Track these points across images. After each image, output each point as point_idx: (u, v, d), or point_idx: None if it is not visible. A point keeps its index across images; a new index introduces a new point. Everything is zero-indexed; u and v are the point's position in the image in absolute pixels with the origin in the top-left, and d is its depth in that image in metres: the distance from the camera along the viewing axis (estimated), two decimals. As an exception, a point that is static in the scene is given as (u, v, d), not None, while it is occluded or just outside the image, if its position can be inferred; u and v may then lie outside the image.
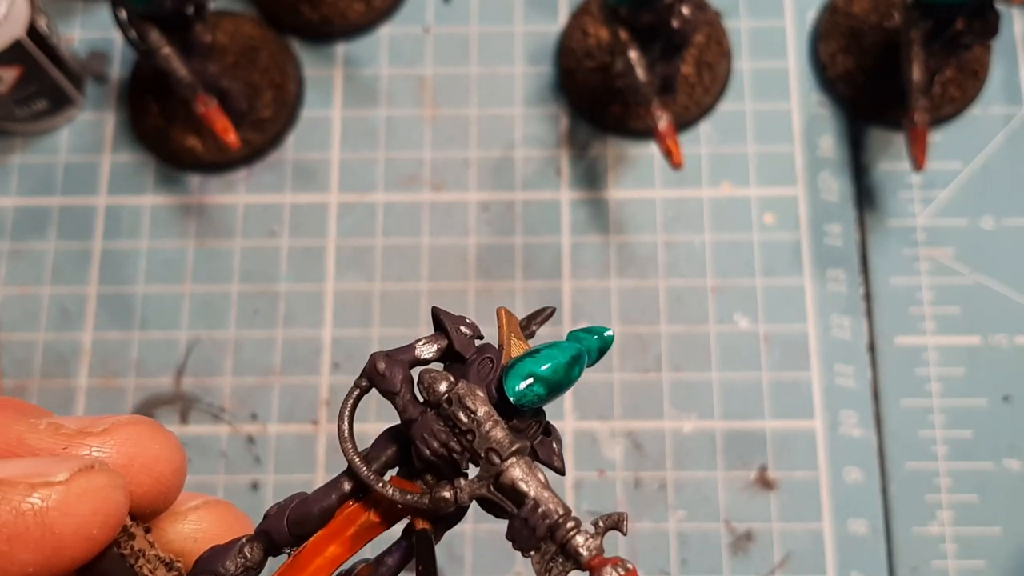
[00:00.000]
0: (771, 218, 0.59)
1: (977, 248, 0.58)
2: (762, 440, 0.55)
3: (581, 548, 0.22)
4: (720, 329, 0.57)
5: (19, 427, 0.21)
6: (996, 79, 0.61)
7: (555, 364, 0.22)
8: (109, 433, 0.22)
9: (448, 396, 0.22)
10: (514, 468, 0.22)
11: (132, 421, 0.22)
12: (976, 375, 0.56)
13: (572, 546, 0.22)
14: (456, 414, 0.22)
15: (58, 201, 0.60)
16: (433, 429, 0.22)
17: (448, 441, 0.22)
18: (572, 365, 0.23)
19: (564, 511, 0.22)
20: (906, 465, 0.55)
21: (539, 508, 0.22)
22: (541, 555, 0.22)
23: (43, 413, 0.22)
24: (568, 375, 0.23)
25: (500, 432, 0.22)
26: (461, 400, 0.22)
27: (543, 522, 0.22)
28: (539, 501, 0.22)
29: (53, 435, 0.21)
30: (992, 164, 0.60)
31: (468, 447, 0.22)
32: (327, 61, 0.63)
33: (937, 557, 0.53)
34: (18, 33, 0.54)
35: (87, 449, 0.21)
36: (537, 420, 0.23)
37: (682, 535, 0.54)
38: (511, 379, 0.22)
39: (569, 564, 0.22)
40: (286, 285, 0.58)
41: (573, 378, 0.23)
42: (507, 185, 0.60)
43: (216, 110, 0.54)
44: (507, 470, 0.22)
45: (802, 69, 0.62)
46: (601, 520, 0.23)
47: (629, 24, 0.53)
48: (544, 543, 0.22)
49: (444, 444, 0.22)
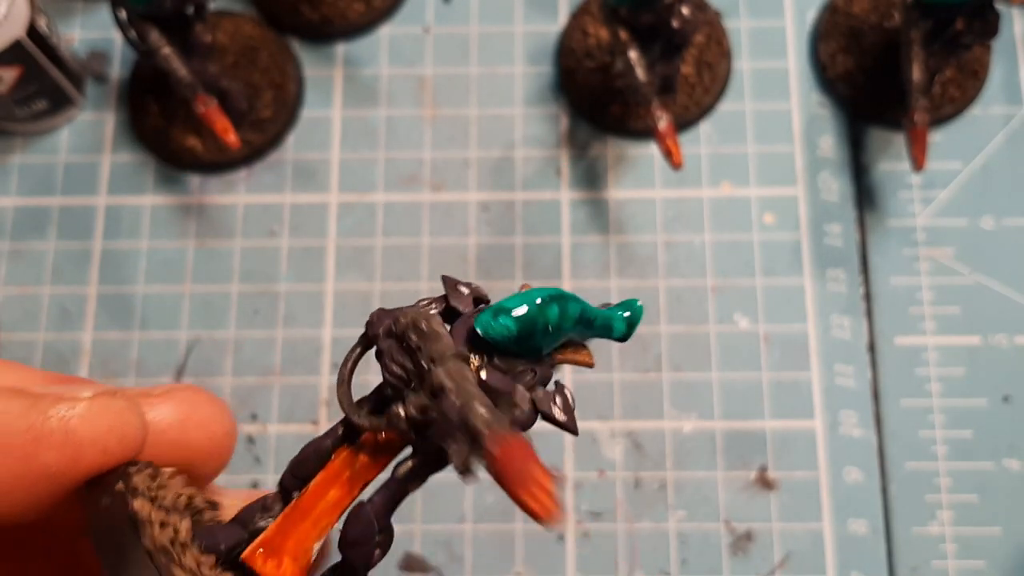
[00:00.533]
0: (771, 218, 0.59)
1: (977, 248, 0.58)
2: (762, 440, 0.55)
3: (481, 425, 0.20)
4: (720, 329, 0.57)
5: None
6: (996, 79, 0.61)
7: (527, 300, 0.22)
8: (167, 395, 0.24)
9: (405, 323, 0.22)
10: (443, 370, 0.21)
11: (187, 387, 0.25)
12: (976, 375, 0.56)
13: (473, 424, 0.20)
14: (408, 334, 0.22)
15: (58, 201, 0.60)
16: (392, 354, 0.23)
17: (404, 361, 0.22)
18: (548, 303, 0.22)
19: (486, 405, 0.20)
20: (906, 465, 0.55)
21: (456, 399, 0.21)
22: (458, 445, 0.20)
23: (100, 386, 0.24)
24: (542, 312, 0.22)
25: (443, 344, 0.22)
26: (414, 322, 0.22)
27: (455, 408, 0.20)
28: (459, 393, 0.21)
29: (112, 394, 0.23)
30: (992, 164, 0.60)
31: (417, 363, 0.22)
32: (327, 61, 0.63)
33: (937, 557, 0.53)
34: (18, 33, 0.54)
35: (147, 408, 0.23)
36: (531, 368, 0.23)
37: (682, 535, 0.54)
38: (482, 315, 0.22)
39: (477, 452, 0.20)
40: (286, 285, 0.58)
41: (549, 316, 0.22)
42: (507, 185, 0.60)
43: (216, 110, 0.54)
44: (436, 372, 0.21)
45: (802, 69, 0.62)
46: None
47: (629, 24, 0.53)
48: (460, 432, 0.20)
49: (400, 364, 0.22)
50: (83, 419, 0.22)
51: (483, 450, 0.20)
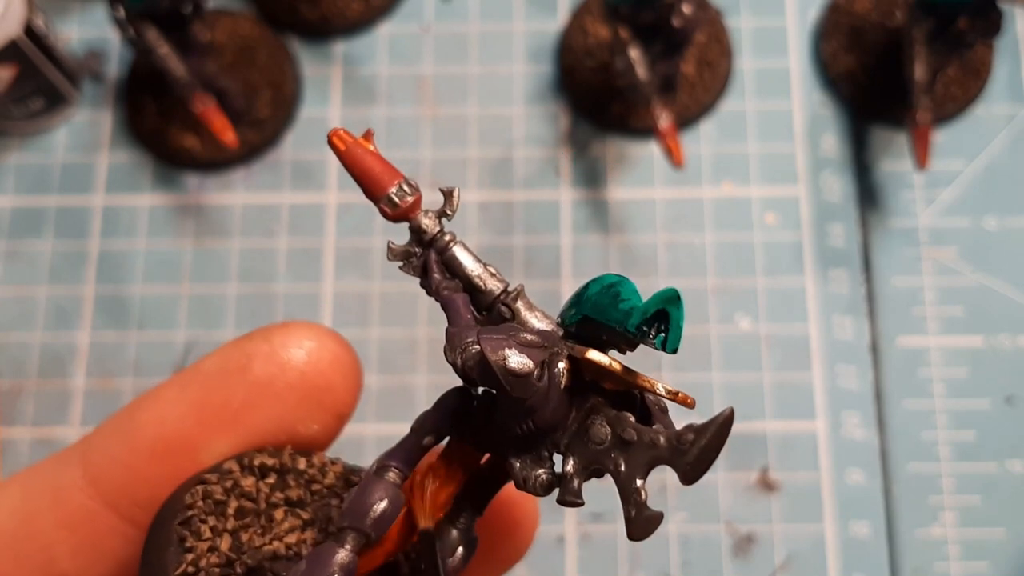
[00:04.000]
0: (772, 218, 0.59)
1: (980, 248, 0.58)
2: (763, 441, 0.55)
3: (423, 224, 0.24)
4: (721, 330, 0.57)
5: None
6: (999, 78, 0.61)
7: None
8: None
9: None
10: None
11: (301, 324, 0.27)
12: (979, 376, 0.56)
13: (415, 223, 0.24)
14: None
15: (55, 201, 0.60)
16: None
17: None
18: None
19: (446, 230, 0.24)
20: (908, 466, 0.54)
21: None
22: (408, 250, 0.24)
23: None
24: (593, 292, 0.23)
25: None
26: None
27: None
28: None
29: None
30: (995, 164, 0.59)
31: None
32: (325, 60, 0.62)
33: (940, 559, 0.53)
34: (15, 32, 0.54)
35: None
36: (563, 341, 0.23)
37: (684, 537, 0.54)
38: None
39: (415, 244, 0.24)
40: (284, 285, 0.58)
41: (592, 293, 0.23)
42: (507, 185, 0.60)
43: (214, 109, 0.54)
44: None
45: (804, 68, 0.61)
46: (442, 189, 0.25)
47: (630, 22, 0.53)
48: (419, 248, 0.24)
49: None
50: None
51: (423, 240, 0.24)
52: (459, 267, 0.23)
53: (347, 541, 0.22)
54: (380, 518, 0.22)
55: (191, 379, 0.25)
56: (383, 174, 0.24)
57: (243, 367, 0.25)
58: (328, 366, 0.26)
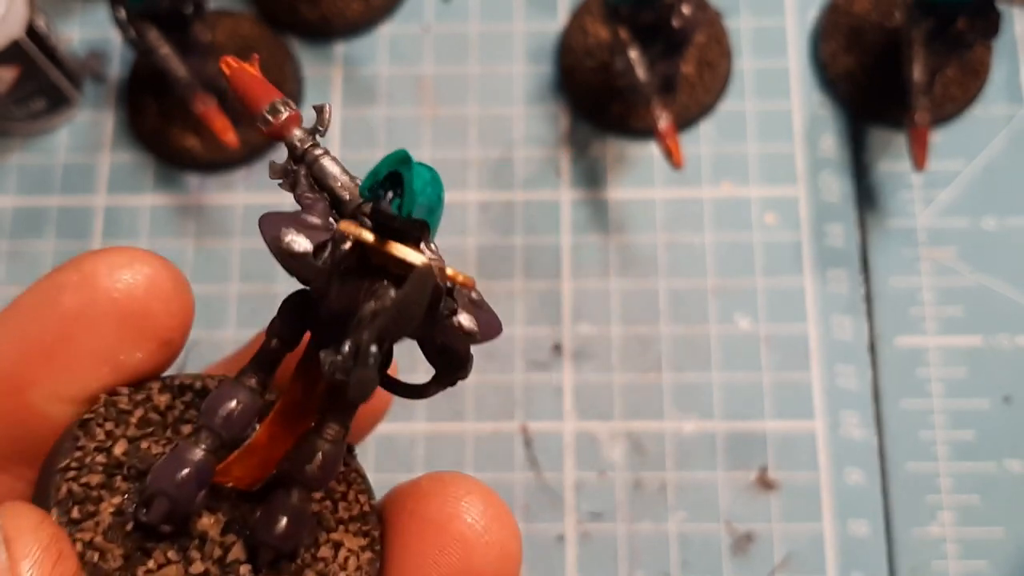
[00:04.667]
0: (772, 218, 0.59)
1: (979, 248, 0.58)
2: (762, 441, 0.55)
3: (295, 140, 0.24)
4: (720, 329, 0.57)
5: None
6: (998, 78, 0.61)
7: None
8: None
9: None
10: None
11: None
12: (977, 376, 0.56)
13: (288, 140, 0.24)
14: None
15: (56, 201, 0.60)
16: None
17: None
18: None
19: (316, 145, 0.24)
20: (907, 466, 0.55)
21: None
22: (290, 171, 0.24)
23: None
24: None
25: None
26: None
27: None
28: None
29: None
30: (994, 164, 0.59)
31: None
32: (326, 60, 0.62)
33: (938, 558, 0.53)
34: (16, 33, 0.54)
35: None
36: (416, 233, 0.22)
37: (683, 536, 0.54)
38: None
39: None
40: (285, 286, 0.58)
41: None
42: (507, 185, 0.60)
43: (215, 109, 0.54)
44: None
45: (803, 68, 0.62)
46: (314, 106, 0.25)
47: (629, 23, 0.53)
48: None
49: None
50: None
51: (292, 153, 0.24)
52: (324, 178, 0.24)
53: (202, 440, 0.23)
54: (229, 417, 0.23)
55: (8, 316, 0.25)
56: (262, 95, 0.25)
57: (54, 299, 0.24)
58: (144, 292, 0.24)
